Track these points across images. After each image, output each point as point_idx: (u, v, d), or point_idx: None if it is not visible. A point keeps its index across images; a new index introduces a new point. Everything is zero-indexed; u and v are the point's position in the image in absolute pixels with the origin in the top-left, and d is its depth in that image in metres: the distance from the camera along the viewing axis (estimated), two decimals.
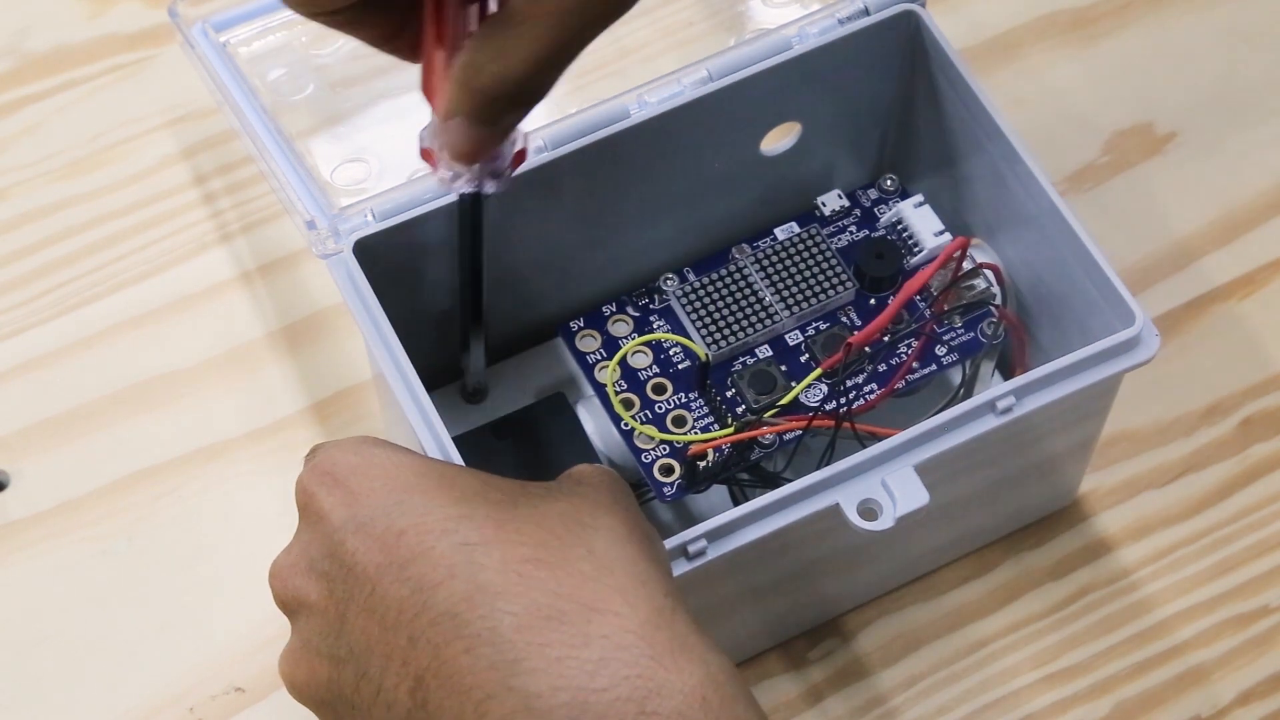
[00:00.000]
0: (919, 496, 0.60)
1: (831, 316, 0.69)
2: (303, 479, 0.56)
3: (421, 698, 0.51)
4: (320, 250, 0.64)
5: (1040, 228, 0.66)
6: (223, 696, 0.69)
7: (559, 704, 0.49)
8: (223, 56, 0.68)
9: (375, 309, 0.62)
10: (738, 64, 0.67)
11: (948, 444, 0.61)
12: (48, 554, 0.72)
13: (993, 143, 0.66)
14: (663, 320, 0.70)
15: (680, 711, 0.49)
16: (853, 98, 0.70)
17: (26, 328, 0.76)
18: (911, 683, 0.70)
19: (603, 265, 0.70)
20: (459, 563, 0.52)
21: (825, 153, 0.71)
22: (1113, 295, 0.63)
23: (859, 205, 0.72)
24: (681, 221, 0.70)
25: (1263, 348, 0.76)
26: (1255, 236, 0.78)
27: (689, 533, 0.59)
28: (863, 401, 0.67)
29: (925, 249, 0.70)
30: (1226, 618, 0.71)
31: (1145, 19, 0.83)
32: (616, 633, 0.50)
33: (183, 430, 0.74)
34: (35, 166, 0.79)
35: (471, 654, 0.50)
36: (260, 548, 0.71)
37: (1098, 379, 0.62)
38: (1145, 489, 0.73)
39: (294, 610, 0.55)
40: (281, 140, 0.66)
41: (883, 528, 0.59)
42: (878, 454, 0.60)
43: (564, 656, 0.50)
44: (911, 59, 0.69)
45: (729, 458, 0.65)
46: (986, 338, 0.68)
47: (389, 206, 0.64)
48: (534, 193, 0.65)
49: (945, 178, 0.71)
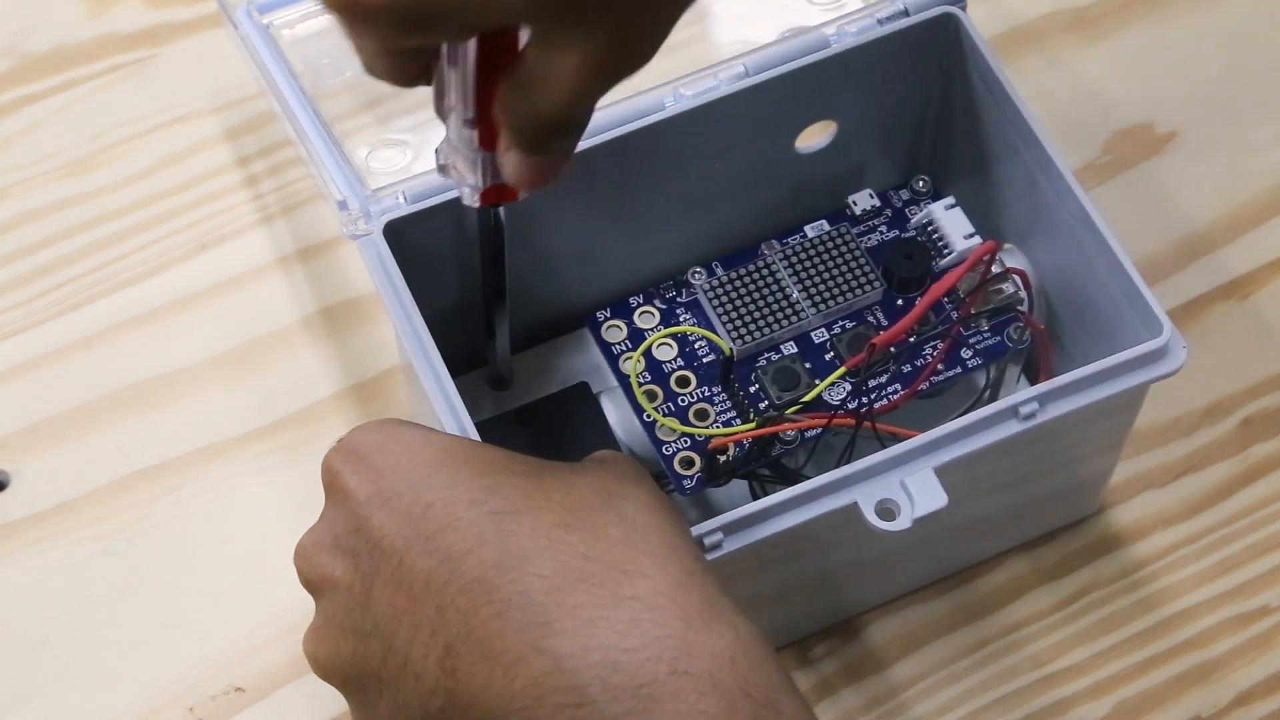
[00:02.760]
0: (937, 499, 0.59)
1: (858, 315, 0.69)
2: (328, 458, 0.56)
3: (451, 665, 0.51)
4: (350, 231, 0.64)
5: (1071, 234, 0.65)
6: (223, 696, 0.69)
7: (590, 664, 0.49)
8: (265, 38, 0.68)
9: (403, 291, 0.62)
10: (775, 60, 0.66)
11: (968, 448, 0.60)
12: (48, 554, 0.72)
13: (1027, 148, 0.66)
14: (689, 314, 0.70)
15: (710, 672, 0.50)
16: (889, 98, 0.70)
17: (26, 328, 0.76)
18: (912, 682, 0.70)
19: (632, 256, 0.70)
20: (488, 530, 0.52)
21: (859, 152, 0.71)
22: (1141, 304, 0.63)
23: (890, 205, 0.72)
24: (712, 216, 0.70)
25: (1263, 347, 0.76)
26: (1255, 236, 0.78)
27: (706, 525, 0.59)
28: (885, 401, 0.67)
29: (955, 251, 0.70)
30: (1227, 617, 0.71)
31: (1145, 19, 0.83)
32: (647, 594, 0.51)
33: (183, 430, 0.74)
34: (35, 166, 0.79)
35: (502, 618, 0.50)
36: (260, 547, 0.71)
37: (1123, 388, 0.62)
38: (1145, 488, 0.73)
39: (318, 588, 0.55)
40: (319, 122, 0.66)
41: (900, 528, 0.59)
42: (898, 454, 0.60)
43: (595, 618, 0.50)
44: (949, 61, 0.68)
45: (749, 453, 0.65)
46: (1012, 342, 0.68)
47: (421, 189, 0.64)
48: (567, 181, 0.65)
49: (978, 181, 0.70)
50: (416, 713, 0.52)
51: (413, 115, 0.71)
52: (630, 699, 0.49)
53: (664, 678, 0.49)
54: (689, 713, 0.49)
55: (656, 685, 0.49)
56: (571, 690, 0.50)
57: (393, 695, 0.53)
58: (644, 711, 0.49)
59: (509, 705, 0.50)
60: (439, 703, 0.51)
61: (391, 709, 0.53)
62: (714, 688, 0.50)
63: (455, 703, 0.51)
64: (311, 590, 0.55)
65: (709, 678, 0.50)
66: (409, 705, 0.52)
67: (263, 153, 0.80)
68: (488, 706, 0.50)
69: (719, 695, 0.50)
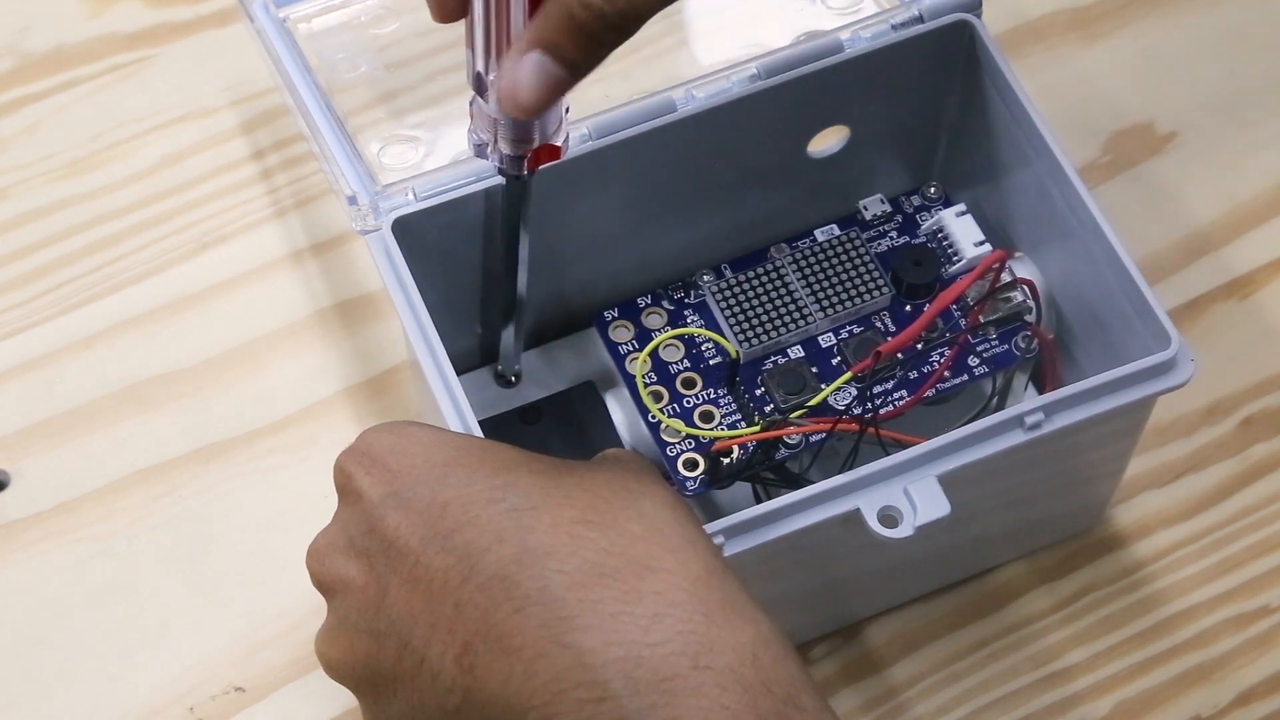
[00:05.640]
0: (940, 507, 0.59)
1: (866, 321, 0.69)
2: (340, 460, 0.56)
3: (469, 663, 0.51)
4: (360, 226, 0.64)
5: (1082, 244, 0.65)
6: (223, 696, 0.69)
7: (612, 659, 0.49)
8: (282, 33, 0.68)
9: (410, 287, 0.62)
10: (788, 64, 0.66)
11: (972, 456, 0.60)
12: (48, 554, 0.72)
13: (1040, 157, 0.66)
14: (697, 315, 0.70)
15: (733, 668, 0.50)
16: (902, 104, 0.70)
17: (26, 328, 0.76)
18: (912, 682, 0.70)
19: (641, 257, 0.70)
20: (507, 527, 0.52)
21: (871, 157, 0.71)
22: (1149, 317, 0.62)
23: (901, 211, 0.72)
24: (722, 218, 0.70)
25: (1263, 348, 0.76)
26: (1255, 236, 0.78)
27: (709, 527, 0.59)
28: (891, 408, 0.66)
29: (964, 259, 0.70)
30: (1227, 617, 0.71)
31: (1145, 19, 0.83)
32: (669, 589, 0.51)
33: (183, 430, 0.74)
34: (35, 166, 0.79)
35: (522, 614, 0.50)
36: (260, 547, 0.71)
37: (1130, 400, 0.61)
38: (1146, 489, 0.73)
39: (331, 589, 0.55)
40: (332, 118, 0.66)
41: (902, 535, 0.59)
42: (901, 461, 0.60)
43: (618, 613, 0.50)
44: (963, 68, 0.68)
45: (753, 456, 0.65)
46: (1020, 351, 0.68)
47: (430, 186, 0.64)
48: (578, 181, 0.65)
49: (989, 188, 0.70)
50: (433, 711, 0.52)
51: (425, 111, 0.71)
52: (652, 694, 0.49)
53: (686, 672, 0.49)
54: (710, 707, 0.49)
55: (679, 680, 0.49)
56: (594, 685, 0.49)
57: (408, 695, 0.53)
58: (666, 706, 0.49)
59: (529, 701, 0.50)
60: (456, 701, 0.51)
61: (406, 708, 0.53)
62: (736, 683, 0.50)
63: (473, 700, 0.51)
64: (324, 592, 0.55)
65: (731, 673, 0.50)
66: (425, 704, 0.52)
67: (274, 147, 0.80)
68: (506, 703, 0.50)
69: (740, 690, 0.50)
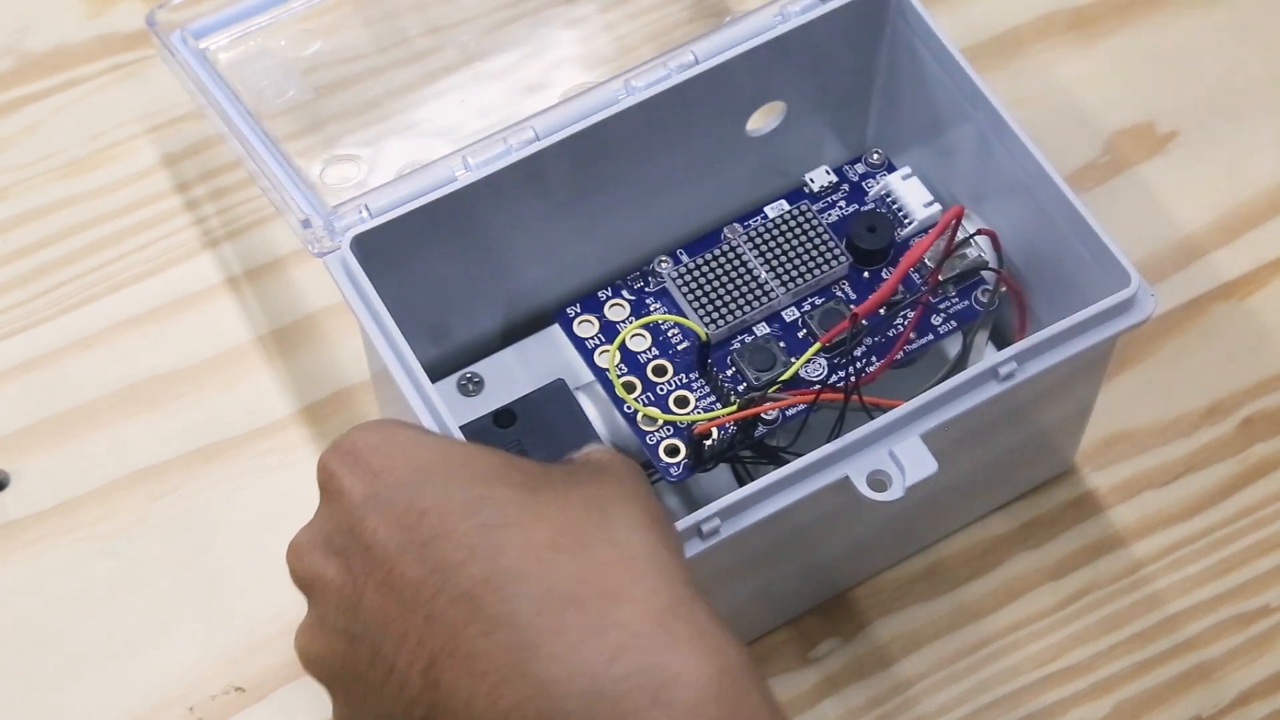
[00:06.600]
0: (927, 465, 0.60)
1: (827, 291, 0.69)
2: (324, 458, 0.55)
3: (434, 678, 0.51)
4: (317, 249, 0.64)
5: (1030, 194, 0.66)
6: (223, 696, 0.69)
7: (575, 691, 0.49)
8: (203, 63, 0.69)
9: (376, 303, 0.62)
10: (722, 46, 0.67)
11: (953, 412, 0.61)
12: (48, 554, 0.72)
13: (979, 111, 0.67)
14: (659, 303, 0.70)
15: (694, 703, 0.49)
16: (836, 74, 0.71)
17: (26, 328, 0.76)
18: (913, 682, 0.70)
19: (596, 251, 0.70)
20: (480, 545, 0.51)
21: (811, 130, 0.72)
22: (1107, 257, 0.63)
23: (847, 180, 0.73)
24: (672, 204, 0.70)
25: (1263, 347, 0.76)
26: (1255, 236, 0.78)
27: (702, 512, 0.59)
28: (864, 374, 0.67)
29: (915, 220, 0.70)
30: (1227, 617, 0.71)
31: (1145, 19, 0.83)
32: (635, 620, 0.50)
33: (182, 430, 0.74)
34: (35, 166, 0.79)
35: (489, 638, 0.50)
36: (260, 547, 0.71)
37: (1096, 340, 0.62)
38: (1146, 488, 0.73)
39: (310, 586, 0.55)
40: (270, 142, 0.66)
41: (893, 498, 0.60)
42: (884, 425, 0.60)
43: (581, 642, 0.50)
44: (893, 32, 0.69)
45: (734, 435, 0.65)
46: (982, 305, 0.69)
47: (383, 202, 0.65)
48: (524, 183, 0.66)
49: (931, 149, 0.71)
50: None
51: (360, 132, 0.72)
52: None
53: (645, 708, 0.49)
54: None
55: (638, 715, 0.49)
56: (554, 716, 0.49)
57: (377, 701, 0.53)
58: None
59: None
60: (420, 713, 0.51)
61: (375, 713, 0.53)
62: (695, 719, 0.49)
63: (436, 715, 0.51)
64: (303, 588, 0.55)
65: (691, 709, 0.49)
66: (392, 713, 0.52)
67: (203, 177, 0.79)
68: None
69: None
